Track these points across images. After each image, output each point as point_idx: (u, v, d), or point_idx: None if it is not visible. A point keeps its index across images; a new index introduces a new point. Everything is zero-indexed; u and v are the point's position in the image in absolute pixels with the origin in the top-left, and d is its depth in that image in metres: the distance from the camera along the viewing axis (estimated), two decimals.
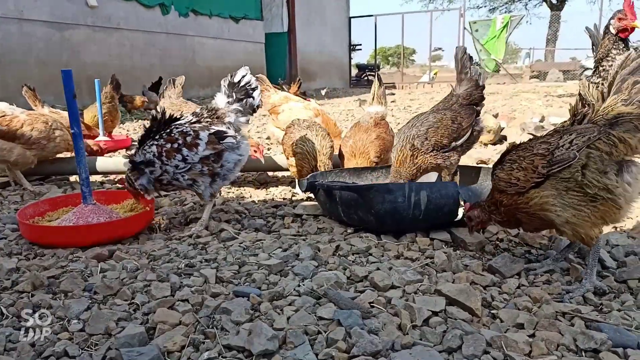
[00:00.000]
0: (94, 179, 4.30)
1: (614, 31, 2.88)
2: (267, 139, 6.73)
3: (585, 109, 2.02)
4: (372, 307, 1.85)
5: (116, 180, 4.34)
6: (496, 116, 7.08)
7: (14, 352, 1.60)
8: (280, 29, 19.20)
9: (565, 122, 2.13)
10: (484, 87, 3.24)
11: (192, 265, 2.29)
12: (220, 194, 3.71)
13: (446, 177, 3.13)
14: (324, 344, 1.60)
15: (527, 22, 31.12)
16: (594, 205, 1.93)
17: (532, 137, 2.18)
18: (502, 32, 21.33)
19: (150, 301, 1.91)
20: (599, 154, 1.90)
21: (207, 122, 2.90)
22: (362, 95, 15.83)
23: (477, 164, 4.41)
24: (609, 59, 2.94)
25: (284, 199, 3.70)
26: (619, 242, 2.49)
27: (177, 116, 2.95)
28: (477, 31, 22.08)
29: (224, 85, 2.96)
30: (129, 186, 2.88)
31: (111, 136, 6.35)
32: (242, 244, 2.61)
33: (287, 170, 3.97)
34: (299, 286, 2.02)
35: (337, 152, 3.84)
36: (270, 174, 4.49)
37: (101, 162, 4.20)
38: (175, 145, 2.76)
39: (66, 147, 4.15)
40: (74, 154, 3.14)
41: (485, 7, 33.58)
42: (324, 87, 19.95)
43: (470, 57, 3.27)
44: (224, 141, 2.84)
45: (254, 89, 2.96)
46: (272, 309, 1.82)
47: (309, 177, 3.15)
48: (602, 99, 1.97)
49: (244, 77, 2.95)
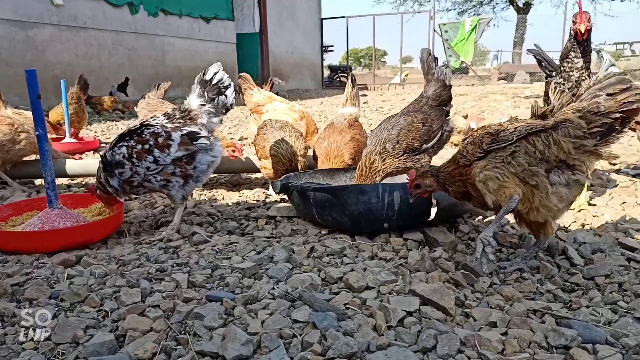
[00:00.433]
0: (60, 182, 4.18)
1: (573, 34, 2.96)
2: (240, 139, 6.67)
3: (546, 107, 2.17)
4: (347, 308, 1.84)
5: (84, 184, 4.23)
6: (466, 117, 7.18)
7: None
8: (252, 30, 19.09)
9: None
10: (451, 86, 3.28)
11: (163, 269, 2.24)
12: (192, 197, 3.65)
13: None
14: (299, 348, 1.58)
15: (494, 25, 31.83)
16: (515, 178, 2.08)
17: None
18: (470, 34, 21.75)
19: (119, 308, 1.86)
20: (533, 150, 2.05)
21: (180, 122, 2.84)
22: (335, 96, 15.89)
23: None
24: (569, 60, 3.02)
25: (257, 200, 3.67)
26: (586, 239, 2.56)
27: (150, 116, 2.89)
28: (446, 32, 22.46)
29: (196, 83, 2.89)
30: (101, 188, 2.81)
31: (78, 138, 6.19)
32: (214, 247, 2.57)
33: (260, 171, 3.93)
34: (274, 289, 2.00)
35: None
36: (243, 175, 4.44)
37: (68, 165, 4.08)
38: (146, 146, 2.70)
39: (32, 150, 4.02)
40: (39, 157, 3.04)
41: (454, 9, 34.19)
42: (296, 87, 19.95)
43: (435, 58, 3.31)
44: (197, 142, 2.79)
45: (226, 87, 2.89)
46: (246, 313, 1.80)
47: (282, 178, 3.13)
48: (564, 105, 2.10)
49: (216, 74, 2.87)
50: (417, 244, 2.58)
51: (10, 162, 3.98)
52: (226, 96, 2.90)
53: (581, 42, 2.97)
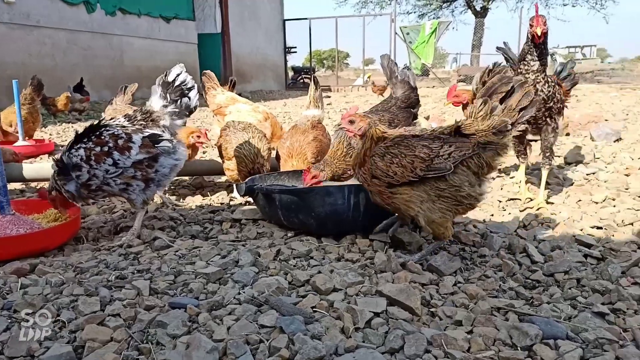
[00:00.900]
0: (12, 186, 4.00)
1: (530, 36, 3.04)
2: None
3: (466, 121, 2.26)
4: (315, 311, 1.83)
5: (38, 188, 4.06)
6: (427, 118, 7.31)
7: None
8: (213, 30, 18.83)
9: (447, 127, 2.30)
10: (417, 88, 3.33)
11: (124, 277, 2.17)
12: (152, 201, 3.56)
13: None
14: (267, 353, 1.56)
15: (453, 28, 32.51)
16: (457, 208, 2.25)
17: (414, 134, 2.33)
18: (430, 37, 22.16)
19: (77, 317, 1.78)
20: (467, 171, 2.19)
21: (141, 124, 2.76)
22: (299, 97, 15.86)
23: None
24: (525, 62, 3.09)
25: (221, 203, 3.60)
26: (545, 237, 2.63)
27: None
28: (408, 34, 22.80)
29: (158, 84, 2.82)
30: (56, 192, 2.70)
31: (36, 140, 5.96)
32: (177, 252, 2.51)
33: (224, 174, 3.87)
34: (239, 294, 1.96)
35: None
36: (207, 178, 4.36)
37: (23, 169, 3.90)
38: (105, 148, 2.61)
39: None
40: None
41: (414, 12, 34.67)
42: (260, 89, 19.81)
43: (395, 63, 3.35)
44: (159, 145, 2.72)
45: (189, 89, 2.83)
46: (211, 320, 1.76)
47: (247, 180, 3.09)
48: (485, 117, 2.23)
49: (178, 75, 2.80)
50: (383, 244, 2.59)
51: None
52: (189, 98, 2.84)
53: (538, 45, 3.05)
